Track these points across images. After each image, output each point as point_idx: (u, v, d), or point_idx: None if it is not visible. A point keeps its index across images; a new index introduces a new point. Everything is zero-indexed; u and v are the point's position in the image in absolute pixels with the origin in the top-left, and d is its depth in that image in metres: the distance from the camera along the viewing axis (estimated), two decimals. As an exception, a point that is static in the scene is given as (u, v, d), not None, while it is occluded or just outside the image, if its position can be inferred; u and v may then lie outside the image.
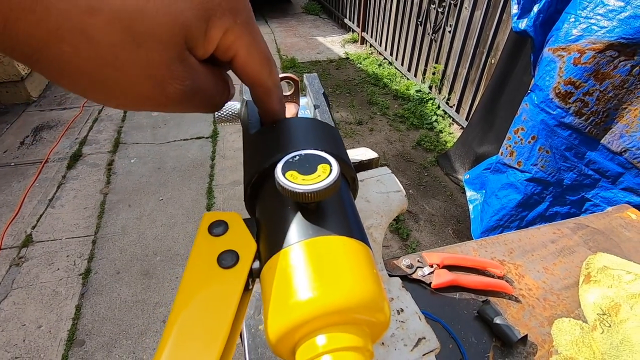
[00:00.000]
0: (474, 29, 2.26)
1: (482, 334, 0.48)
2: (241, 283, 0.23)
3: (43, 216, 1.94)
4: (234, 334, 0.24)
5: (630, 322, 0.42)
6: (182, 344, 0.21)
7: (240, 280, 0.23)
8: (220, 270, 0.23)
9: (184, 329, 0.22)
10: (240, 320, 0.24)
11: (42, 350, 1.40)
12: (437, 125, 2.63)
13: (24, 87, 2.80)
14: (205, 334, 0.21)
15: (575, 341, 0.43)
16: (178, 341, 0.21)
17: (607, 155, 1.19)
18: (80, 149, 2.41)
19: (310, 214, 0.21)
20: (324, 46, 4.06)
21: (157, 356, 0.21)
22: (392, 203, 0.36)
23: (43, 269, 1.68)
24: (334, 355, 0.17)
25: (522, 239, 0.61)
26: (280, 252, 0.20)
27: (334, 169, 0.20)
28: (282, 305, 0.19)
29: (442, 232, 1.90)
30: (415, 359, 0.29)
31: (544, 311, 0.51)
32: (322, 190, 0.19)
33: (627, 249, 0.59)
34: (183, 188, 2.13)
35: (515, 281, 0.55)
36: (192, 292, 0.23)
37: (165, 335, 0.22)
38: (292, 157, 0.21)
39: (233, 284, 0.23)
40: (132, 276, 1.67)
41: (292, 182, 0.20)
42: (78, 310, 1.53)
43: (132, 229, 1.88)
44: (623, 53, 1.04)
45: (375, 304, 0.18)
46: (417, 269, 0.54)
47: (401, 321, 0.32)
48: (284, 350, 0.20)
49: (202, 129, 2.64)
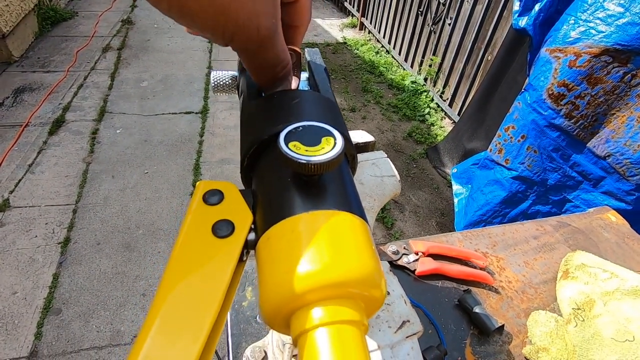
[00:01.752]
0: (474, 23, 2.25)
1: (461, 321, 0.49)
2: (236, 253, 0.23)
3: (22, 181, 1.88)
4: (226, 304, 0.23)
5: (602, 317, 0.43)
6: (173, 312, 0.20)
7: (235, 251, 0.23)
8: (215, 239, 0.22)
9: (176, 297, 0.21)
10: (232, 291, 0.24)
11: (17, 317, 1.38)
12: (429, 118, 2.64)
13: (4, 45, 2.66)
14: (198, 302, 0.21)
15: (549, 333, 0.45)
16: (170, 308, 0.21)
17: (591, 159, 1.22)
18: (64, 115, 2.33)
19: (311, 187, 0.21)
20: (322, 29, 3.98)
21: (147, 323, 0.20)
22: (386, 187, 0.36)
23: (20, 235, 1.64)
24: (330, 327, 0.17)
25: (505, 233, 0.62)
26: (278, 223, 0.20)
27: (338, 142, 0.20)
28: (278, 276, 0.18)
29: (426, 224, 1.93)
30: (399, 340, 0.30)
31: (522, 303, 0.53)
32: (326, 163, 0.19)
33: (604, 249, 0.61)
34: (169, 163, 2.10)
35: (497, 273, 0.56)
36: (186, 260, 0.22)
37: (156, 302, 0.22)
38: (295, 128, 0.21)
39: (228, 254, 0.22)
40: (112, 248, 1.64)
41: (296, 153, 0.19)
42: (55, 279, 1.50)
43: (115, 201, 1.85)
44: (617, 59, 1.05)
45: (373, 279, 0.18)
46: (402, 255, 0.55)
47: (387, 304, 0.32)
48: (278, 322, 0.19)
49: (191, 103, 2.58)
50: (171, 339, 0.19)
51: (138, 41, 3.26)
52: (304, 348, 0.18)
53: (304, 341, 0.18)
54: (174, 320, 0.20)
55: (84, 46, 3.06)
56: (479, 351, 0.46)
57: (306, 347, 0.18)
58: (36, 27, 3.10)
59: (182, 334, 0.19)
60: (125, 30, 3.41)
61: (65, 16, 3.42)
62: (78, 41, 3.13)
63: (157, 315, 0.20)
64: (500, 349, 0.47)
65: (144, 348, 0.19)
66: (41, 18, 3.16)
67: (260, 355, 0.40)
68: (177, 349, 0.19)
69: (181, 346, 0.19)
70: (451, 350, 0.46)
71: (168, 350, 0.19)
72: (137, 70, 2.87)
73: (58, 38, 3.14)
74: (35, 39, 3.06)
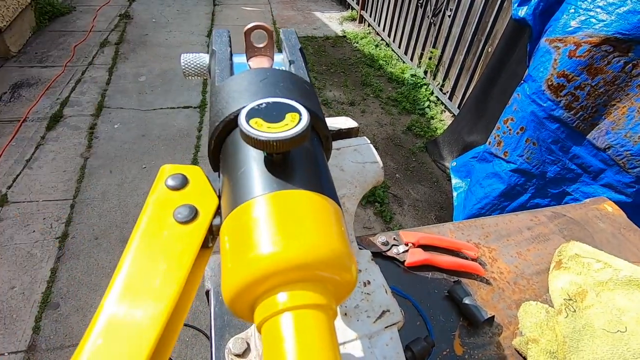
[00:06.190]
0: (474, 14, 2.22)
1: (451, 313, 0.48)
2: (198, 239, 0.22)
3: (19, 176, 1.88)
4: (188, 293, 0.22)
5: (594, 308, 0.42)
6: (128, 298, 0.20)
7: (198, 236, 0.22)
8: (176, 224, 0.22)
9: (132, 283, 0.20)
10: (196, 279, 0.23)
11: (15, 311, 1.38)
12: (429, 112, 2.62)
13: (2, 40, 2.65)
14: (155, 290, 0.20)
15: (539, 324, 0.44)
16: (125, 295, 0.20)
17: (591, 151, 1.20)
18: (61, 110, 2.32)
19: (276, 167, 0.20)
20: (321, 22, 3.95)
21: (97, 312, 0.20)
22: (368, 174, 0.35)
23: (18, 230, 1.64)
24: (295, 312, 0.16)
25: (499, 223, 0.61)
26: (241, 205, 0.19)
27: (303, 118, 0.19)
28: (240, 259, 0.17)
29: (425, 218, 1.92)
30: (377, 330, 0.29)
31: (513, 294, 0.52)
32: (288, 140, 0.18)
33: (599, 240, 0.60)
34: (167, 157, 2.09)
35: (488, 264, 0.55)
36: (143, 246, 0.21)
37: (110, 289, 0.21)
38: (258, 105, 0.20)
39: (189, 240, 0.21)
40: (110, 243, 1.64)
41: (256, 130, 0.18)
42: (53, 274, 1.51)
43: (113, 196, 1.84)
44: (618, 49, 1.03)
45: (341, 261, 0.17)
46: (392, 246, 0.54)
47: (367, 293, 0.31)
48: (241, 307, 0.18)
49: (190, 98, 2.57)
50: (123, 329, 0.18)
51: (136, 36, 3.24)
52: (267, 334, 0.17)
53: (267, 327, 0.17)
54: (126, 309, 0.19)
55: (82, 41, 3.05)
56: (468, 342, 0.45)
57: (270, 333, 0.17)
58: (33, 21, 3.09)
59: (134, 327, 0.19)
60: (123, 25, 3.39)
61: (63, 11, 3.40)
62: (76, 36, 3.11)
63: (109, 302, 0.19)
64: (489, 340, 0.46)
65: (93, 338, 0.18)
66: (38, 13, 3.14)
67: (242, 346, 0.39)
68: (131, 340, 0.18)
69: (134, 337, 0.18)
70: (439, 342, 0.45)
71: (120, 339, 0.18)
72: (135, 65, 2.85)
73: (56, 33, 3.13)
74: (32, 33, 3.04)
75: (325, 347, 0.16)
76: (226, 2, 4.13)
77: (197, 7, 3.95)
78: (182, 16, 3.70)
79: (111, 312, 0.19)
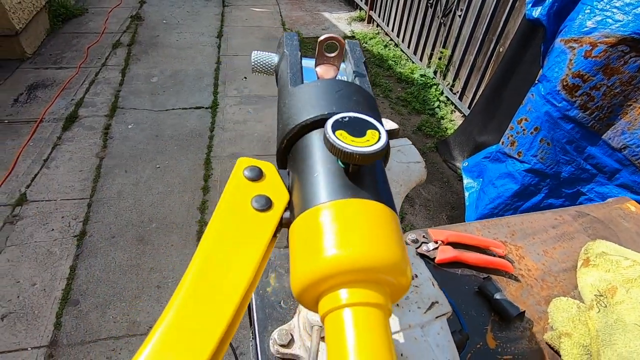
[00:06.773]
0: (485, 14, 2.23)
1: (482, 308, 0.50)
2: (272, 227, 0.24)
3: (37, 176, 1.92)
4: (257, 275, 0.24)
5: (625, 304, 0.44)
6: (208, 277, 0.21)
7: (272, 225, 0.24)
8: (253, 212, 0.23)
9: (211, 262, 0.22)
10: (263, 264, 0.25)
11: (37, 307, 1.41)
12: (439, 112, 2.62)
13: (18, 43, 2.70)
14: (232, 269, 0.22)
15: (571, 318, 0.45)
16: (204, 273, 0.22)
17: (606, 151, 1.20)
18: (77, 111, 2.36)
19: (349, 176, 0.22)
20: (330, 22, 3.96)
21: (182, 283, 0.21)
22: (412, 173, 0.37)
23: (37, 228, 1.68)
24: (355, 309, 0.18)
25: (524, 222, 0.63)
26: (315, 207, 0.21)
27: (382, 136, 0.21)
28: (311, 257, 0.19)
29: (436, 217, 1.93)
30: (429, 320, 0.30)
31: (542, 291, 0.53)
32: (370, 155, 0.20)
33: (624, 238, 0.61)
34: (180, 157, 2.12)
35: (516, 261, 0.56)
36: (223, 229, 0.23)
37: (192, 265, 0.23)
38: (341, 117, 0.22)
39: (265, 227, 0.23)
40: (127, 241, 1.67)
41: (342, 142, 0.20)
42: (72, 271, 1.54)
43: (128, 195, 1.88)
44: (634, 49, 1.03)
45: (399, 267, 0.19)
46: (422, 244, 0.56)
47: (415, 286, 0.33)
48: (307, 299, 0.20)
49: (201, 98, 2.60)
50: (204, 300, 0.20)
51: (147, 37, 3.28)
52: (330, 326, 0.19)
53: (330, 319, 0.19)
54: (208, 284, 0.21)
55: (95, 42, 3.09)
56: (501, 337, 0.47)
57: (332, 325, 0.19)
58: (47, 24, 3.13)
59: (215, 297, 0.20)
60: (135, 26, 3.43)
61: (76, 13, 3.45)
62: (89, 37, 3.16)
63: (191, 280, 0.21)
64: (521, 334, 0.47)
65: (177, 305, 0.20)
66: (52, 15, 3.19)
67: (287, 338, 0.41)
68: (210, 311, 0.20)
69: (214, 307, 0.20)
70: (472, 336, 0.47)
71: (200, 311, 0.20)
72: (147, 66, 2.89)
73: (69, 35, 3.18)
74: (46, 35, 3.09)
75: (380, 341, 0.18)
76: (235, 3, 4.16)
77: (207, 8, 3.98)
78: (192, 17, 3.74)
79: (192, 284, 0.21)
